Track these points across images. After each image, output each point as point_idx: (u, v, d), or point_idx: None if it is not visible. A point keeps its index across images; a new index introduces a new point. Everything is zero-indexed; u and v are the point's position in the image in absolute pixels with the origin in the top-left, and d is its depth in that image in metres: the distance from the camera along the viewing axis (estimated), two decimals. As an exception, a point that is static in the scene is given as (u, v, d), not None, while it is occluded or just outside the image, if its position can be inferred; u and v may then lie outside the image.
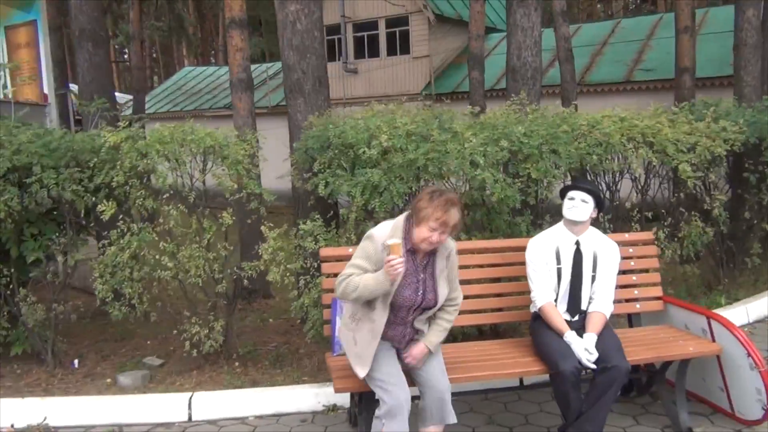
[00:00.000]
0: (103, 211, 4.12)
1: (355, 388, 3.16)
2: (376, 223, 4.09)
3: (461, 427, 3.79)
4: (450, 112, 4.66)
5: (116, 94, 16.60)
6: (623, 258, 3.98)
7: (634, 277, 4.03)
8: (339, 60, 15.50)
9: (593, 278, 3.49)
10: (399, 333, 3.10)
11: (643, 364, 3.82)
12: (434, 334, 3.11)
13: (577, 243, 3.51)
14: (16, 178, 4.17)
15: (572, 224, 3.52)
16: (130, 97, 17.09)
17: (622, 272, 4.03)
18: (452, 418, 3.00)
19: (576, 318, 3.49)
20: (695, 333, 3.76)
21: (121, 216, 4.29)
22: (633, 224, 4.85)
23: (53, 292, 4.71)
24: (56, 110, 8.09)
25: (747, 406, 3.54)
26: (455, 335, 4.30)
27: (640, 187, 5.03)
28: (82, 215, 4.53)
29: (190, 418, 4.03)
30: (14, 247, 4.51)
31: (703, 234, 5.11)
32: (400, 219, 3.04)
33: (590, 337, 3.31)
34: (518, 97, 5.08)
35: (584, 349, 3.25)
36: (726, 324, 3.55)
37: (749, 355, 3.42)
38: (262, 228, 4.33)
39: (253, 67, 10.01)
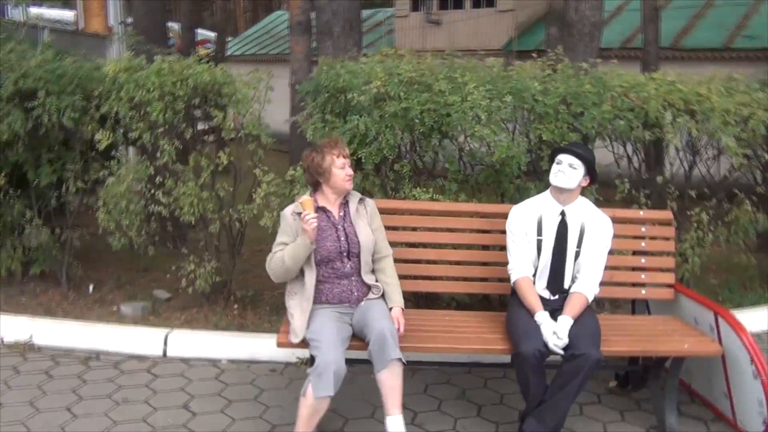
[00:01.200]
0: (100, 140, 4.11)
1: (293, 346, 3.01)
2: (364, 176, 3.88)
3: (428, 397, 3.60)
4: (471, 62, 4.28)
5: (200, 31, 16.96)
6: (633, 237, 3.60)
7: (644, 260, 3.61)
8: (421, 9, 15.00)
9: (577, 254, 3.12)
10: (345, 289, 3.05)
11: (642, 357, 3.44)
12: (394, 293, 3.11)
13: (563, 213, 3.15)
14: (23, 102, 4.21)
15: (558, 192, 3.15)
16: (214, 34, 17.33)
17: (631, 253, 3.64)
18: (396, 354, 2.80)
19: (556, 297, 3.15)
20: (702, 329, 3.33)
21: (119, 147, 4.26)
22: (670, 202, 4.36)
23: (67, 217, 4.82)
24: (123, 43, 8.21)
25: (748, 417, 3.11)
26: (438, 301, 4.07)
27: (682, 161, 4.50)
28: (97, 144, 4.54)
29: (164, 354, 4.04)
30: (31, 170, 4.61)
31: (755, 220, 4.54)
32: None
33: (564, 321, 2.97)
34: (554, 52, 4.60)
35: (553, 332, 2.92)
36: (733, 323, 3.10)
37: (753, 361, 2.98)
38: (255, 171, 4.20)
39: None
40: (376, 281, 3.12)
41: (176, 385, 3.67)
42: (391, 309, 3.05)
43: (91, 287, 4.99)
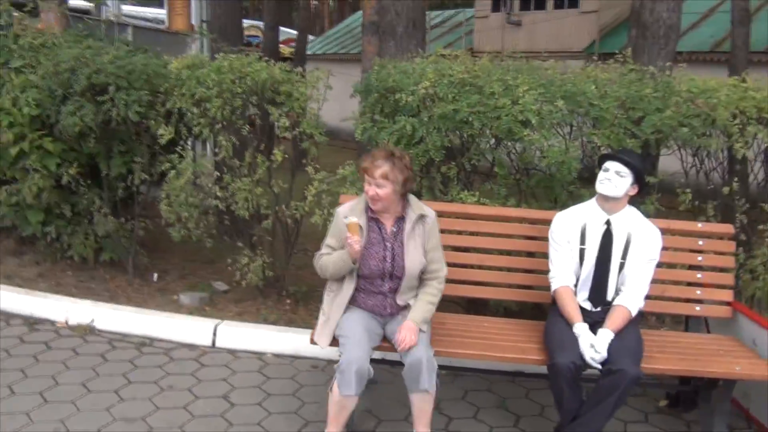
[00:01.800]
0: (162, 135, 4.28)
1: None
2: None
3: (465, 404, 3.54)
4: (529, 63, 4.18)
5: (285, 29, 17.33)
6: (689, 251, 3.41)
7: (700, 275, 3.41)
8: (502, 10, 14.78)
9: (622, 265, 2.99)
10: (378, 303, 3.02)
11: (693, 377, 3.26)
12: (419, 310, 2.95)
13: (608, 223, 3.02)
14: (95, 96, 4.43)
15: (603, 200, 3.03)
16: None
17: (687, 267, 3.46)
18: (428, 386, 2.78)
19: (598, 309, 3.03)
20: (761, 351, 3.12)
21: (182, 142, 4.42)
22: (739, 215, 4.10)
23: (134, 208, 5.04)
24: (205, 41, 8.50)
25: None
26: (488, 307, 3.99)
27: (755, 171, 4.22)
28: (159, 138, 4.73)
29: (213, 344, 4.16)
30: (103, 162, 4.85)
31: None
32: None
33: (604, 334, 2.85)
34: (622, 54, 4.43)
35: (590, 345, 2.81)
36: (794, 347, 2.89)
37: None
38: (308, 169, 4.25)
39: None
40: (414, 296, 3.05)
41: (220, 376, 3.78)
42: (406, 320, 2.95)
43: (155, 276, 5.20)
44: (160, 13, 12.22)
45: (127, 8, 11.87)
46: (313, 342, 3.05)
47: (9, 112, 4.64)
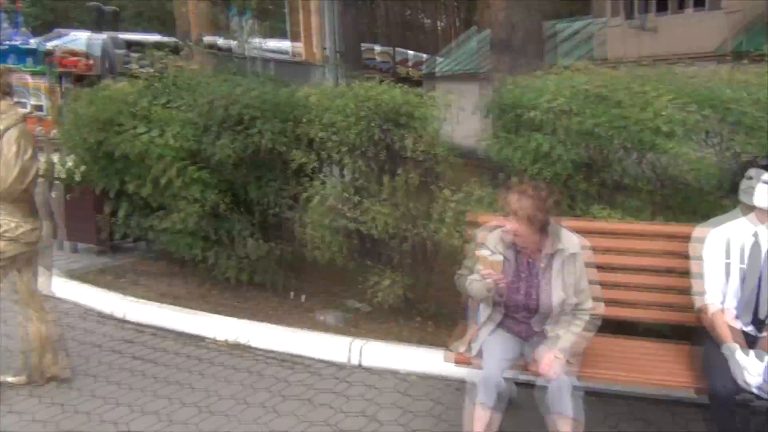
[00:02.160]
0: (295, 160, 4.51)
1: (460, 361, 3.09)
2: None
3: (606, 428, 3.41)
4: (668, 71, 4.00)
5: (401, 49, 17.66)
6: None
7: None
8: (634, 17, 14.22)
9: None
10: (523, 330, 3.06)
11: None
12: (565, 340, 2.89)
13: (756, 235, 2.82)
14: (241, 128, 4.77)
15: (748, 210, 2.84)
16: (424, 56, 17.95)
17: None
18: (569, 412, 2.73)
19: (750, 328, 2.83)
20: None
21: (313, 167, 4.62)
22: None
23: (280, 231, 5.33)
24: (334, 69, 8.88)
25: None
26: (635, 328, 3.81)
27: None
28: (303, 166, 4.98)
29: (356, 363, 4.29)
30: (253, 190, 5.19)
31: None
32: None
33: (759, 356, 2.65)
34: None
35: (743, 367, 2.62)
36: None
37: None
38: (444, 192, 4.30)
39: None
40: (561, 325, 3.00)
41: (363, 394, 3.89)
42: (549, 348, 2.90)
43: (294, 295, 5.44)
44: (292, 45, 12.93)
45: (259, 41, 12.63)
46: (450, 349, 3.11)
47: (168, 146, 5.08)
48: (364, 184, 4.49)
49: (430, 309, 4.85)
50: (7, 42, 19.07)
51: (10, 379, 3.98)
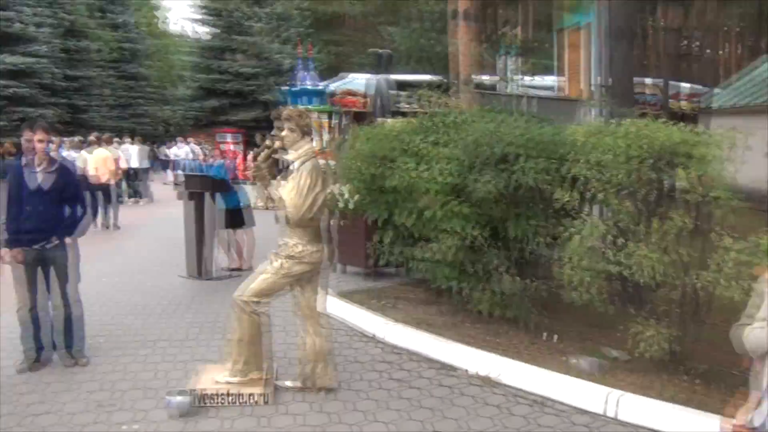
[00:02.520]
0: (557, 198, 4.42)
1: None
2: None
3: None
4: None
5: (675, 83, 16.28)
6: None
7: None
8: None
9: None
10: None
11: None
12: None
13: None
14: (502, 165, 4.84)
15: None
16: (701, 88, 16.44)
17: None
18: None
19: None
20: None
21: (582, 207, 4.49)
22: None
23: (535, 268, 5.29)
24: (600, 105, 8.58)
25: None
26: None
27: None
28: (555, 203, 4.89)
29: (610, 414, 4.05)
30: (509, 225, 5.23)
31: None
32: None
33: None
34: None
35: None
36: None
37: None
38: (725, 239, 3.89)
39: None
40: None
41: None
42: None
43: (546, 335, 5.31)
44: (554, 80, 12.80)
45: (527, 78, 12.69)
46: (726, 416, 2.76)
47: (431, 181, 5.34)
48: (630, 226, 4.26)
49: (700, 366, 4.40)
50: (300, 84, 21.81)
51: (288, 383, 4.47)
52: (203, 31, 35.45)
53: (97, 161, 12.62)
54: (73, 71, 32.78)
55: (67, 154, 12.58)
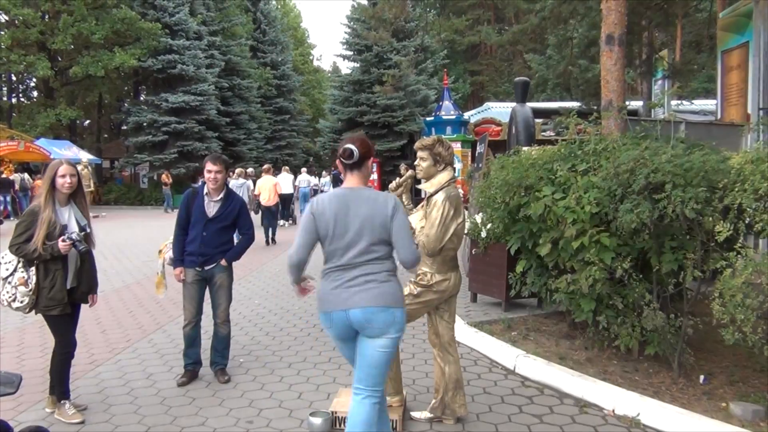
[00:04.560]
0: (719, 231, 4.12)
1: None
2: None
3: None
4: None
5: None
6: None
7: None
8: None
9: None
10: None
11: None
12: None
13: None
14: (651, 194, 4.60)
15: None
16: None
17: None
18: None
19: None
20: None
21: (740, 239, 4.16)
22: None
23: (684, 304, 4.95)
24: (758, 131, 7.96)
25: None
26: None
27: None
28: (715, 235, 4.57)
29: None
30: (654, 257, 4.96)
31: None
32: None
33: None
34: None
35: None
36: None
37: None
38: None
39: None
40: None
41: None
42: None
43: (702, 378, 4.94)
44: (707, 104, 12.02)
45: (674, 103, 12.04)
46: None
47: (573, 210, 5.18)
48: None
49: None
50: (440, 114, 22.19)
51: (415, 414, 4.47)
52: (349, 66, 37.11)
53: (267, 187, 15.23)
54: (230, 107, 35.51)
55: (235, 182, 14.77)
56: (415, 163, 4.44)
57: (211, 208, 5.24)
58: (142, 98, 34.60)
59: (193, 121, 31.43)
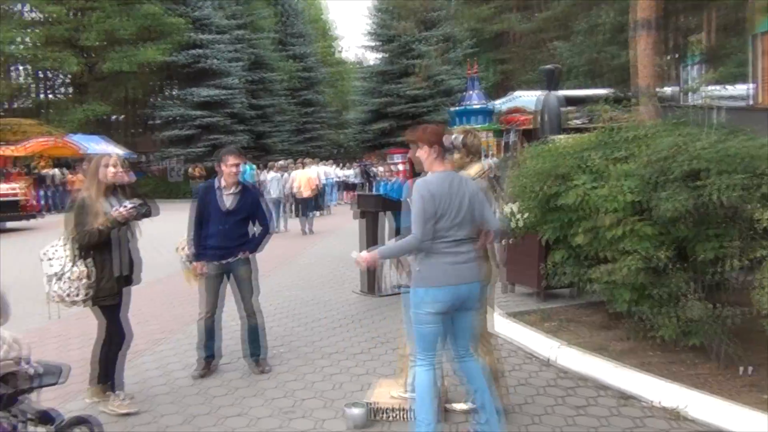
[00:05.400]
0: (759, 219, 4.03)
1: None
2: None
3: None
4: None
5: None
6: None
7: None
8: None
9: None
10: None
11: None
12: None
13: None
14: (690, 181, 4.51)
15: None
16: None
17: None
18: None
19: None
20: None
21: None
22: None
23: (725, 293, 4.85)
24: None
25: None
26: None
27: None
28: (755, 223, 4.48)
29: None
30: (694, 246, 4.86)
31: None
32: None
33: None
34: None
35: None
36: None
37: None
38: None
39: None
40: None
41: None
42: None
43: (750, 369, 4.84)
44: (747, 89, 11.72)
45: (710, 88, 11.76)
46: None
47: (610, 199, 5.10)
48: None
49: None
50: (467, 104, 22.02)
51: (456, 406, 4.46)
52: (375, 57, 37.05)
53: (302, 180, 16.40)
54: (258, 101, 35.73)
55: (273, 175, 16.44)
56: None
57: (229, 202, 5.26)
58: (172, 93, 35.02)
59: (223, 114, 31.72)
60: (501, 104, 21.96)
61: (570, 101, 14.60)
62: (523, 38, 36.98)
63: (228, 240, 5.24)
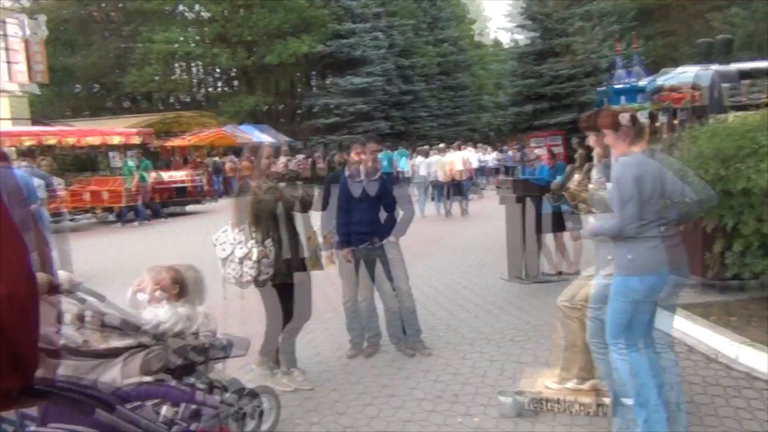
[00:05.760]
0: None
1: None
2: None
3: None
4: None
5: None
6: None
7: None
8: None
9: None
10: None
11: None
12: None
13: None
14: None
15: None
16: None
17: None
18: None
19: None
20: None
21: None
22: None
23: None
24: None
25: None
26: None
27: None
28: None
29: None
30: None
31: None
32: None
33: None
34: None
35: None
36: None
37: None
38: None
39: None
40: None
41: None
42: None
43: None
44: None
45: None
46: None
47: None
48: None
49: None
50: (620, 83, 20.69)
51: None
52: (521, 38, 35.96)
53: (450, 163, 16.31)
54: (409, 86, 36.23)
55: (427, 159, 16.69)
56: (592, 141, 4.07)
57: (371, 188, 5.34)
58: (327, 81, 36.36)
59: (375, 101, 32.58)
60: (660, 81, 20.42)
61: (744, 75, 13.19)
62: (678, 10, 34.20)
63: (375, 224, 5.33)
